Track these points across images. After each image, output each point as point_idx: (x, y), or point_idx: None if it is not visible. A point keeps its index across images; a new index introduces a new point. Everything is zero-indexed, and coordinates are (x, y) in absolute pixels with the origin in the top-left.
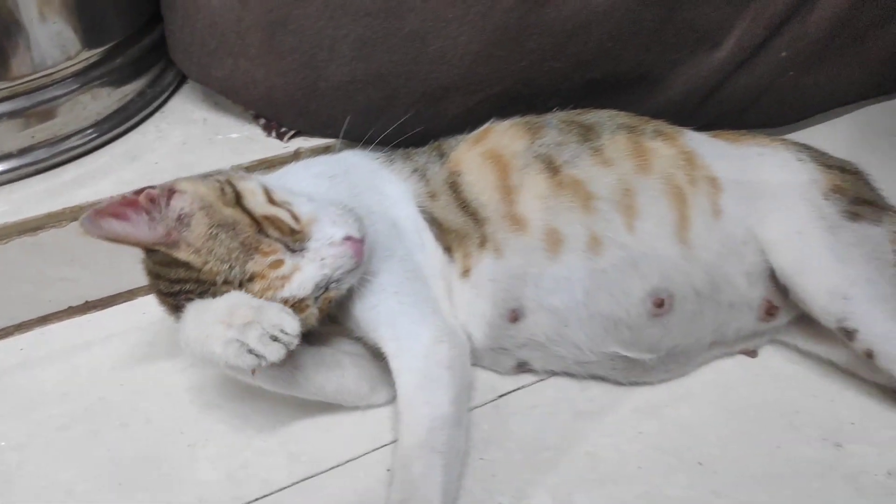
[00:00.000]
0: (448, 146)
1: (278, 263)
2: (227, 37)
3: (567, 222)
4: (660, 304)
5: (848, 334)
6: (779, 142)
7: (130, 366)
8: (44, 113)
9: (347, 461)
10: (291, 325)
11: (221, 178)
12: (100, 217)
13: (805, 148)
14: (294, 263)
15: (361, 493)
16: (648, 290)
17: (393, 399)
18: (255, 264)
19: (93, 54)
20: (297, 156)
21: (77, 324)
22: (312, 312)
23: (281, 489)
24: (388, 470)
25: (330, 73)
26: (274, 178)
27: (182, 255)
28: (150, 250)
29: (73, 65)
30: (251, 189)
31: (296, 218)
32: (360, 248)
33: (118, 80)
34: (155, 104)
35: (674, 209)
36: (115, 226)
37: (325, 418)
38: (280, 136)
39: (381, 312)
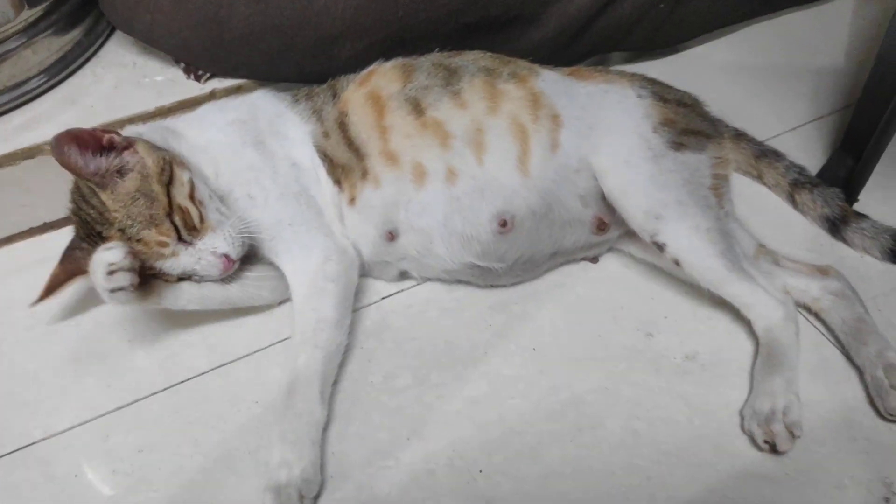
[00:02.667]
0: (340, 86)
1: (164, 244)
2: None
3: (429, 158)
4: (503, 223)
5: (659, 247)
6: (626, 78)
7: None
8: None
9: (255, 351)
10: (115, 256)
11: (167, 157)
12: (68, 140)
13: (650, 83)
14: (175, 249)
15: (264, 377)
16: (494, 213)
17: (287, 298)
18: (149, 234)
19: (33, 12)
20: (213, 95)
21: (38, 242)
22: (170, 278)
23: (201, 374)
24: (288, 354)
25: (232, 26)
26: (194, 121)
27: (104, 196)
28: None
29: (17, 24)
30: (182, 180)
31: (202, 219)
32: (230, 266)
33: (57, 32)
34: (91, 51)
35: (517, 144)
36: (73, 154)
37: (238, 318)
38: (198, 79)
39: (279, 242)
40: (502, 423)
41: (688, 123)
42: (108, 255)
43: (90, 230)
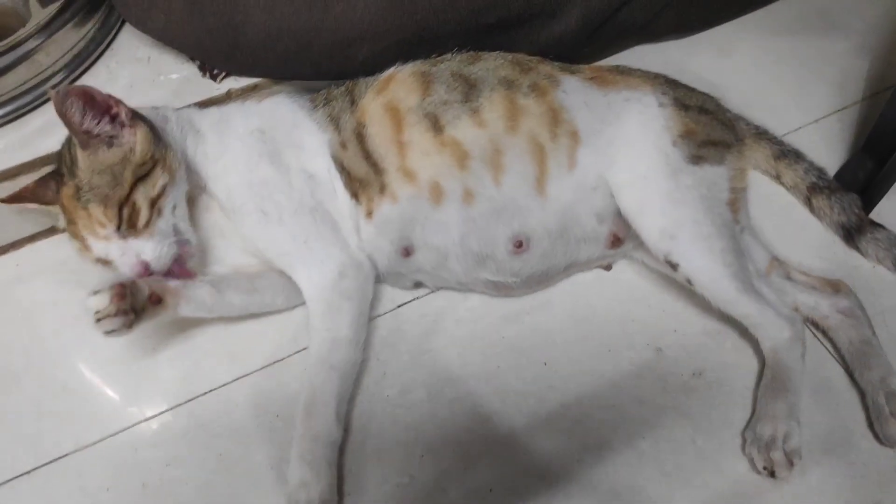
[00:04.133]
0: (358, 92)
1: (102, 225)
2: None
3: (446, 177)
4: (519, 244)
5: (672, 266)
6: (648, 83)
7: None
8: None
9: (274, 362)
10: (100, 302)
11: (158, 155)
12: (78, 95)
13: (672, 87)
14: (108, 235)
15: (285, 388)
16: (510, 235)
17: (302, 302)
18: (95, 210)
19: (48, 12)
20: (228, 95)
21: (60, 241)
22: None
23: (224, 385)
24: (305, 370)
25: (248, 30)
26: (217, 125)
27: (81, 154)
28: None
29: (32, 26)
30: (155, 182)
31: (147, 224)
32: (144, 275)
33: (73, 27)
34: (104, 44)
35: (534, 165)
36: (75, 109)
37: (257, 327)
38: (213, 78)
39: (294, 259)
40: (512, 442)
41: (708, 134)
42: (93, 302)
43: (61, 169)
